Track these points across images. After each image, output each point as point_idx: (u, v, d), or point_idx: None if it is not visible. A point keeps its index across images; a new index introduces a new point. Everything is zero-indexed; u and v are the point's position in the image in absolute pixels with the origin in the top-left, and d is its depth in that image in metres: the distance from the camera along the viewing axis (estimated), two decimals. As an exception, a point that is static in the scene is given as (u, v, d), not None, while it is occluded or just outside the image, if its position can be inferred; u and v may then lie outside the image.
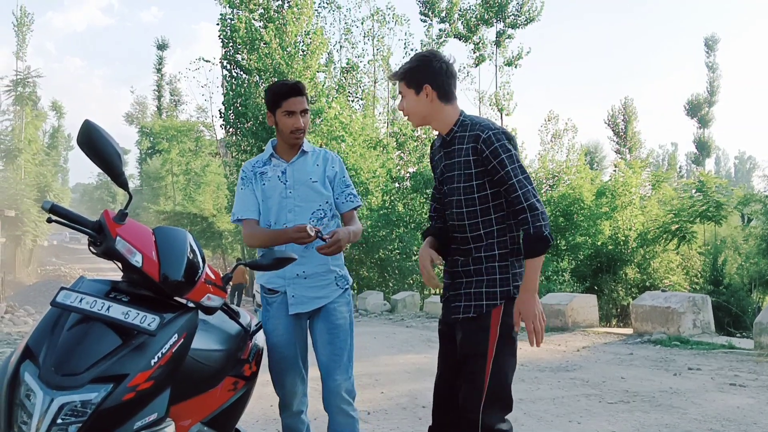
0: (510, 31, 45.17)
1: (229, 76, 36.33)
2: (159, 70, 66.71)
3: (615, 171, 30.64)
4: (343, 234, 3.16)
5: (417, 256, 24.09)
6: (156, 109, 67.30)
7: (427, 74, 2.86)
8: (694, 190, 25.17)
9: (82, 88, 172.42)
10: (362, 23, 46.24)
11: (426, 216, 26.89)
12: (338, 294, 3.35)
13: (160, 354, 2.08)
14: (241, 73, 35.58)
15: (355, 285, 27.88)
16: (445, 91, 2.88)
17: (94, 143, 2.18)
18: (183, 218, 46.30)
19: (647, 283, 24.54)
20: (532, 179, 2.76)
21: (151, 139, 59.12)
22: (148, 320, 2.08)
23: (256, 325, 3.25)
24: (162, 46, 66.60)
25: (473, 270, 2.83)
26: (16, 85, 53.83)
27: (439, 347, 3.06)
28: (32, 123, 54.45)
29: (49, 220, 2.21)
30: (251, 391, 3.07)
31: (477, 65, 46.83)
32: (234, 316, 2.89)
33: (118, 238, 2.17)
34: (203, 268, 2.34)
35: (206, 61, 40.81)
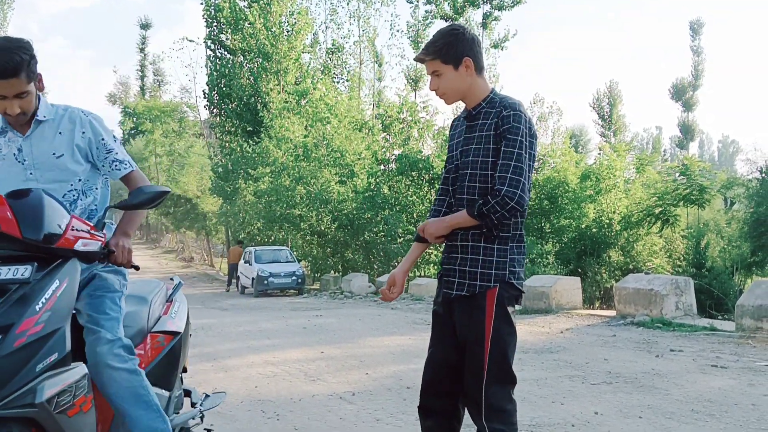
0: (497, 13, 45.01)
1: (213, 57, 36.09)
2: (142, 50, 66.09)
3: (600, 154, 30.73)
4: (122, 240, 2.64)
5: (402, 239, 24.09)
6: (139, 89, 66.72)
7: (465, 46, 2.82)
8: (677, 174, 25.32)
9: (65, 68, 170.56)
10: (348, 3, 45.88)
11: (411, 198, 26.91)
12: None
13: (44, 299, 2.15)
14: (226, 53, 35.37)
15: (340, 267, 27.89)
16: (480, 62, 2.87)
17: None
18: (167, 199, 45.82)
19: (630, 266, 24.70)
20: (523, 170, 2.70)
21: (134, 119, 58.58)
22: (21, 271, 2.15)
23: (175, 285, 3.49)
24: (145, 26, 65.96)
25: (471, 247, 2.81)
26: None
27: (433, 326, 3.03)
28: (14, 102, 53.82)
29: None
30: (183, 346, 3.25)
31: (463, 47, 46.61)
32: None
33: None
34: (68, 218, 2.34)
35: (190, 41, 40.59)
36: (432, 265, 26.61)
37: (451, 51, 2.81)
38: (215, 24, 35.28)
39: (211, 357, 8.09)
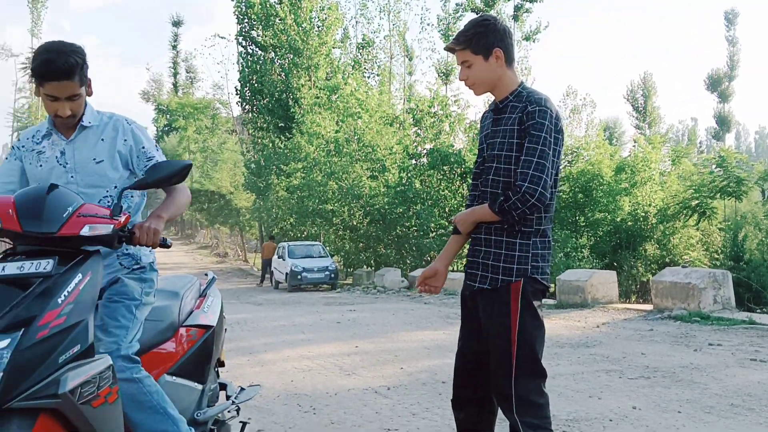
0: (528, 5, 44.61)
1: (244, 53, 36.30)
2: (174, 47, 66.77)
3: (634, 146, 30.37)
4: (150, 221, 2.59)
5: (434, 233, 24.04)
6: (172, 86, 67.41)
7: (496, 37, 2.80)
8: (714, 166, 24.90)
9: (98, 66, 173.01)
10: (378, -2, 45.88)
11: (443, 193, 26.83)
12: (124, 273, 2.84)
13: (66, 292, 2.18)
14: (257, 49, 35.55)
15: (372, 262, 27.93)
16: (510, 54, 2.85)
17: None
18: (200, 195, 46.45)
19: (667, 259, 24.39)
20: (545, 167, 2.68)
21: (168, 116, 59.26)
22: (43, 264, 2.17)
23: (209, 280, 3.54)
24: (177, 23, 66.58)
25: (494, 241, 2.81)
26: (31, 62, 54.13)
27: (462, 319, 3.04)
28: (48, 101, 54.79)
29: None
30: (216, 339, 3.31)
31: (494, 40, 46.30)
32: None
33: None
34: (76, 205, 2.35)
35: (222, 37, 41.01)
36: (464, 259, 26.53)
37: (482, 41, 2.80)
38: (246, 20, 35.49)
39: (247, 351, 8.17)
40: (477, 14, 40.38)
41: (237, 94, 36.81)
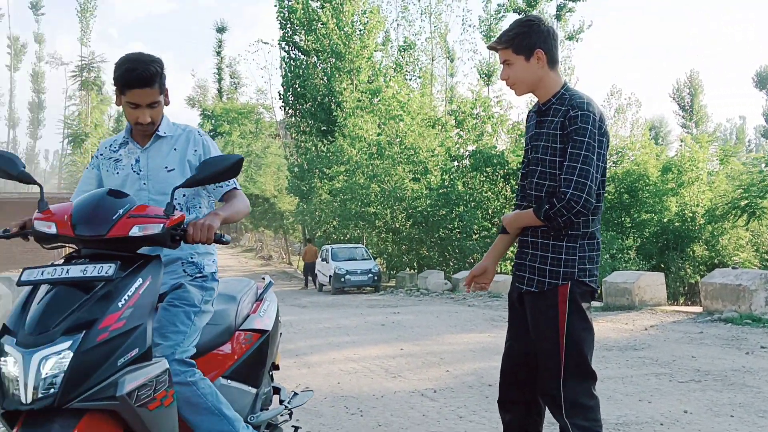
0: (571, 4, 44.19)
1: (287, 58, 36.63)
2: (219, 53, 67.57)
3: (681, 146, 29.86)
4: (205, 219, 2.60)
5: (477, 235, 23.91)
6: (217, 92, 68.24)
7: (538, 38, 2.80)
8: (763, 164, 24.38)
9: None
10: (419, 0, 45.87)
11: (486, 194, 26.71)
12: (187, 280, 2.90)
13: (126, 296, 2.23)
14: (300, 54, 35.82)
15: (415, 264, 27.92)
16: (553, 56, 2.84)
17: None
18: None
19: (716, 261, 23.93)
20: (590, 172, 2.66)
21: (213, 121, 60.01)
22: (105, 269, 2.22)
23: (266, 284, 3.60)
24: (221, 29, 67.38)
25: (541, 244, 2.81)
26: (81, 70, 55.41)
27: (510, 320, 3.06)
28: (98, 107, 56.11)
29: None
30: (271, 344, 3.34)
31: (537, 40, 45.93)
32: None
33: (36, 222, 2.40)
34: (125, 207, 2.40)
35: (265, 43, 41.32)
36: (509, 261, 26.36)
37: (524, 41, 2.79)
38: (289, 25, 35.81)
39: (294, 353, 8.25)
40: (519, 14, 40.27)
41: (280, 98, 37.14)
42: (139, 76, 2.69)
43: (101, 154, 2.97)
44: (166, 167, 2.86)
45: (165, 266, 2.73)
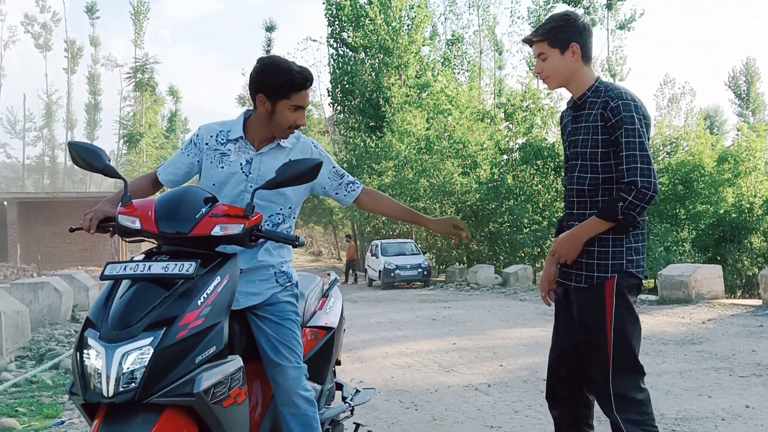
0: (621, -7, 43.42)
1: (335, 55, 36.79)
2: (268, 52, 68.26)
3: (737, 135, 29.12)
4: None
5: (528, 229, 23.66)
6: (266, 89, 68.89)
7: (574, 32, 2.82)
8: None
9: (196, 73, 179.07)
10: (467, -7, 45.63)
11: (536, 188, 26.46)
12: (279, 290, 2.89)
13: (205, 294, 2.26)
14: (347, 50, 35.95)
15: (464, 259, 27.82)
16: (588, 51, 2.86)
17: (83, 156, 2.54)
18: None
19: (775, 252, 23.32)
20: (650, 157, 2.67)
21: (262, 119, 60.63)
22: (186, 267, 2.25)
23: (331, 281, 3.60)
24: (270, 28, 67.94)
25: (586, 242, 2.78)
26: (135, 72, 56.58)
27: (556, 315, 3.06)
28: (152, 108, 57.17)
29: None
30: (336, 341, 3.34)
31: (587, 30, 45.29)
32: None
33: (120, 216, 2.44)
34: (208, 206, 2.44)
35: (313, 40, 41.64)
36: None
37: (560, 35, 2.82)
38: (337, 22, 35.95)
39: (347, 348, 8.30)
40: (569, 5, 39.66)
41: (329, 95, 37.35)
42: (310, 77, 2.77)
43: (207, 144, 2.88)
44: None
45: (258, 273, 2.83)
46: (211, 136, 2.87)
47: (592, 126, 2.77)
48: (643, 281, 2.84)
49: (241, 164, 2.81)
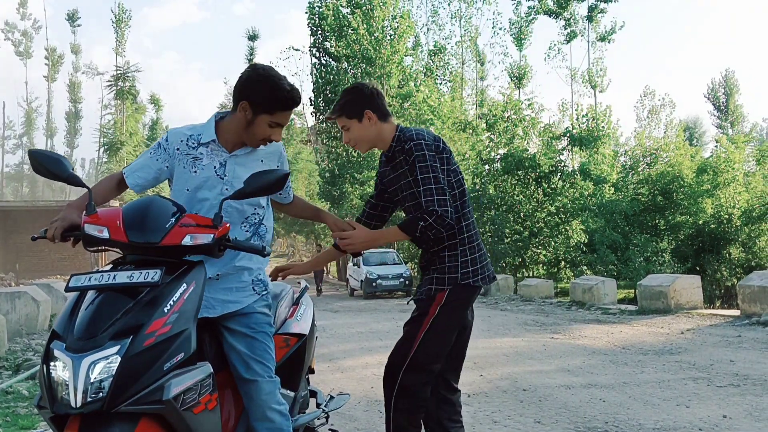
0: (602, 5, 43.85)
1: (318, 64, 36.78)
2: (250, 61, 68.19)
3: (716, 147, 29.41)
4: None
5: (509, 239, 23.77)
6: (248, 99, 68.75)
7: (364, 101, 3.17)
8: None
9: (178, 82, 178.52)
10: (449, 4, 45.87)
11: (518, 198, 26.60)
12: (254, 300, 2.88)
13: (171, 302, 2.27)
14: (330, 60, 35.97)
15: (447, 268, 27.83)
16: (382, 111, 3.20)
17: (45, 165, 2.49)
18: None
19: (753, 263, 23.53)
20: (444, 188, 2.99)
21: (244, 128, 60.48)
22: (151, 275, 2.26)
23: (301, 289, 3.65)
24: (252, 37, 67.95)
25: (429, 261, 3.17)
26: (116, 80, 56.25)
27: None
28: (133, 116, 56.79)
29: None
30: (308, 348, 3.42)
31: (568, 42, 45.77)
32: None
33: (86, 226, 2.41)
34: (177, 216, 2.44)
35: (296, 49, 41.53)
36: (541, 265, 26.19)
37: (353, 107, 3.17)
38: (320, 32, 35.99)
39: (328, 358, 8.28)
40: (550, 17, 39.91)
41: (311, 104, 37.33)
42: (298, 99, 2.79)
43: (177, 149, 2.81)
44: None
45: (235, 279, 2.82)
46: (182, 141, 2.82)
47: (403, 171, 3.13)
48: (487, 284, 3.24)
49: (215, 167, 2.78)
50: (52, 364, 2.13)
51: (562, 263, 25.86)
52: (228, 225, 2.52)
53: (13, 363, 7.72)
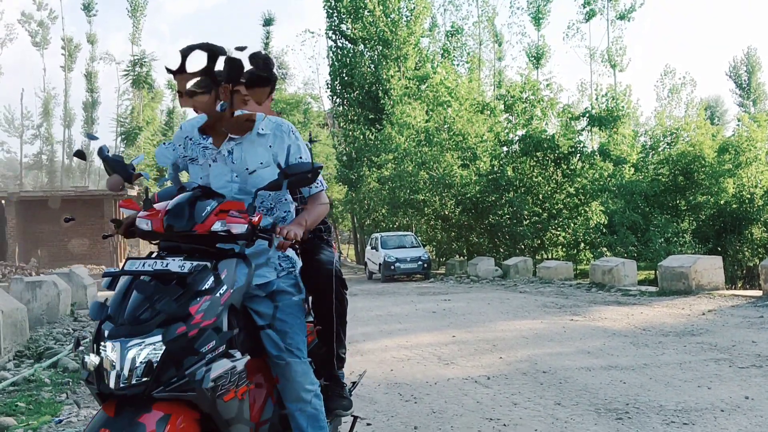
0: (621, -17, 43.32)
1: (334, 47, 36.73)
2: (267, 45, 68.09)
3: (738, 125, 29.06)
4: (290, 226, 2.71)
5: (528, 221, 23.72)
6: (265, 83, 68.63)
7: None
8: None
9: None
10: (466, -16, 45.45)
11: (536, 179, 26.41)
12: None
13: (219, 293, 2.36)
14: (346, 43, 35.88)
15: (465, 251, 27.80)
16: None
17: (113, 168, 2.73)
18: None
19: (775, 243, 23.30)
20: None
21: (262, 112, 60.44)
22: (201, 266, 2.35)
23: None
24: (268, 22, 67.76)
25: None
26: (133, 67, 56.39)
27: None
28: (149, 104, 56.94)
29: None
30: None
31: (588, 20, 45.33)
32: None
33: (137, 220, 2.53)
34: (212, 204, 2.49)
35: (312, 33, 41.58)
36: (561, 247, 26.06)
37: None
38: (336, 14, 35.88)
39: (347, 341, 8.26)
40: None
41: (328, 88, 37.32)
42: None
43: (190, 138, 2.87)
44: (261, 162, 2.80)
45: (261, 257, 2.79)
46: (193, 132, 2.88)
47: None
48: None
49: (223, 155, 2.81)
50: (102, 344, 2.21)
51: (582, 245, 25.69)
52: (261, 215, 2.57)
53: (35, 351, 7.80)
